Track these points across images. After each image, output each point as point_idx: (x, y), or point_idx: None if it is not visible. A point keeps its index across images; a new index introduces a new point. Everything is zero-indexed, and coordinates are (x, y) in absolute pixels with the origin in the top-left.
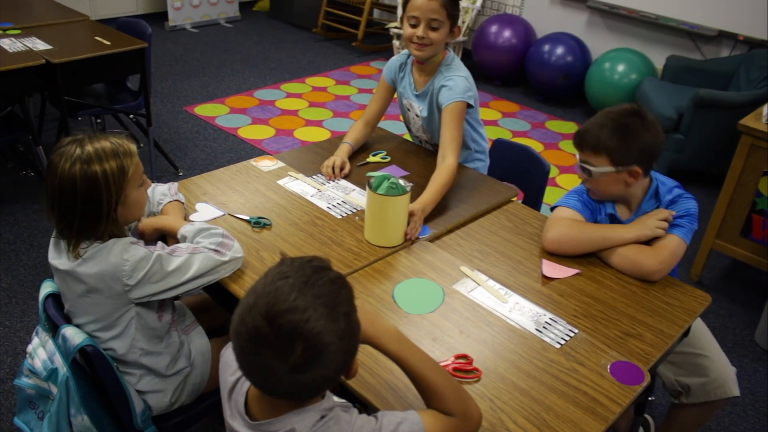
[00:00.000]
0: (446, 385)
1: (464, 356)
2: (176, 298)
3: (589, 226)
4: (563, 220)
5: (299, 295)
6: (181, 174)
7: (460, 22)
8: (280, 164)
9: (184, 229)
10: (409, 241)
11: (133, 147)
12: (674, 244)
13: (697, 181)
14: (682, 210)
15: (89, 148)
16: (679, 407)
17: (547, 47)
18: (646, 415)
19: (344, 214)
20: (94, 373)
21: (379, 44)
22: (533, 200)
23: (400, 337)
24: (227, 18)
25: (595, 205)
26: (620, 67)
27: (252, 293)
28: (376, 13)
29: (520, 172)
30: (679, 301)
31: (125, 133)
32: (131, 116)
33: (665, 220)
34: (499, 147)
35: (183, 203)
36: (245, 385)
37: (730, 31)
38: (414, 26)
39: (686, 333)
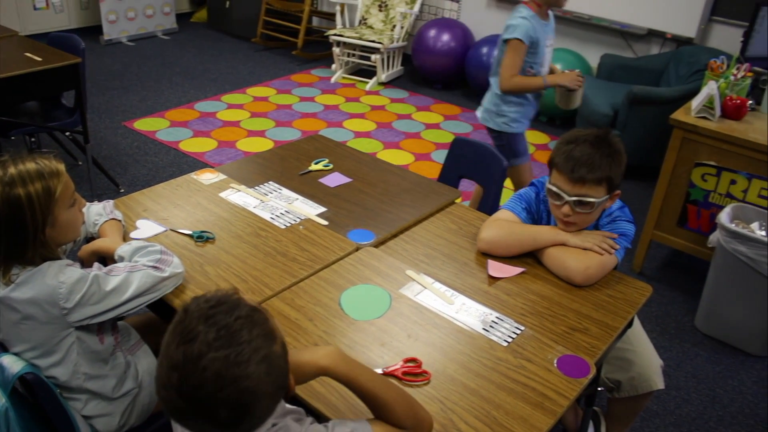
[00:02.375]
0: (397, 398)
1: (413, 360)
2: (119, 318)
3: (520, 227)
4: (497, 221)
5: (209, 363)
6: (122, 191)
7: (398, 28)
8: (222, 176)
9: (121, 249)
10: (355, 249)
11: (61, 166)
12: (605, 258)
13: (635, 175)
14: (619, 230)
15: (12, 170)
16: (614, 401)
17: (485, 50)
18: (596, 408)
19: (288, 224)
20: (37, 401)
21: (319, 52)
22: (493, 196)
23: (345, 358)
24: (164, 30)
25: (541, 214)
26: (557, 67)
27: (161, 363)
28: (315, 21)
29: (480, 170)
30: (622, 294)
31: (53, 153)
32: (67, 134)
33: (609, 245)
34: (459, 145)
35: (121, 221)
36: None
37: (659, 30)
38: None
39: (630, 324)
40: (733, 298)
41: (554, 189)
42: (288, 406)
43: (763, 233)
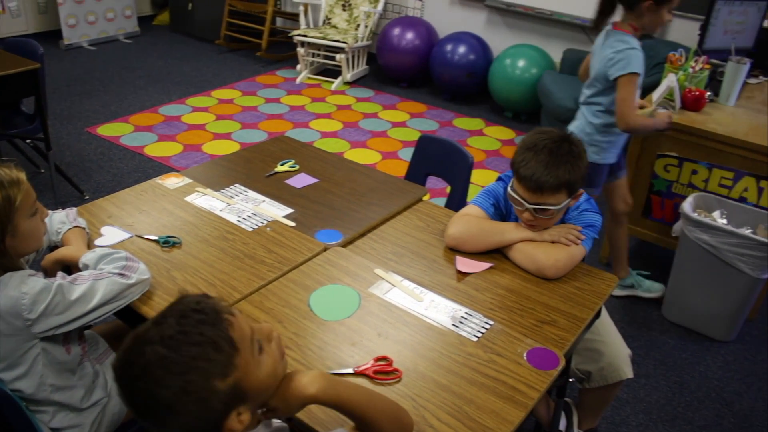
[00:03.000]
0: (384, 411)
1: (384, 358)
2: (86, 327)
3: (488, 223)
4: (465, 217)
5: (150, 352)
6: (86, 197)
7: (363, 27)
8: (187, 180)
9: (86, 257)
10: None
11: (22, 175)
12: (573, 249)
13: None
14: (586, 222)
15: None
16: (585, 391)
17: (449, 47)
18: (567, 399)
19: (255, 227)
20: (2, 416)
21: (283, 53)
22: (460, 192)
23: (331, 381)
24: (126, 34)
25: (509, 209)
26: (521, 63)
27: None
28: (279, 21)
29: (447, 167)
30: (589, 285)
31: (14, 161)
32: (28, 141)
33: (575, 236)
34: (425, 142)
35: (85, 228)
36: None
37: None
38: None
39: (598, 314)
40: (698, 285)
41: (515, 196)
42: (276, 422)
43: (725, 221)
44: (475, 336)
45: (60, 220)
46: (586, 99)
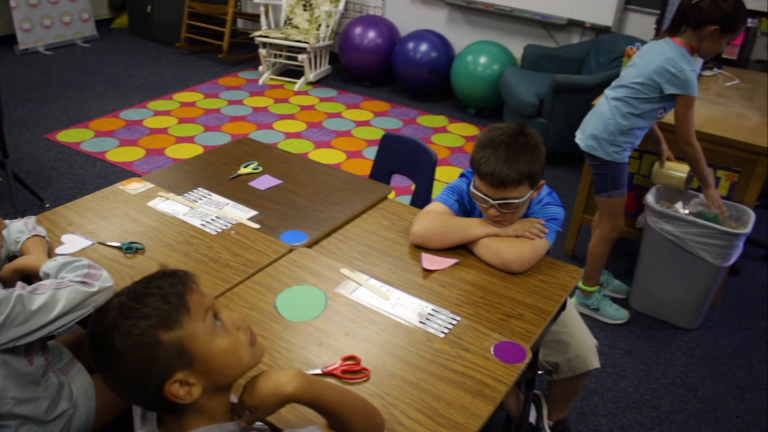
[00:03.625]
0: (359, 410)
1: (352, 357)
2: (50, 337)
3: (452, 220)
4: (429, 214)
5: (114, 302)
6: (47, 205)
7: (324, 27)
8: (149, 185)
9: (47, 266)
10: (290, 251)
11: None
12: (537, 242)
13: (563, 162)
14: (549, 215)
15: None
16: (553, 383)
17: (411, 45)
18: (536, 391)
19: (219, 230)
20: None
21: (245, 54)
22: (425, 190)
23: (309, 380)
24: (84, 38)
25: (473, 205)
26: (482, 59)
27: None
28: (240, 22)
29: (411, 165)
30: (554, 278)
31: None
32: None
33: (539, 230)
34: (388, 141)
35: (44, 237)
36: None
37: (578, 20)
38: None
39: (563, 307)
40: (663, 275)
41: (479, 194)
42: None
43: (687, 212)
44: (442, 332)
45: (18, 230)
46: (620, 97)
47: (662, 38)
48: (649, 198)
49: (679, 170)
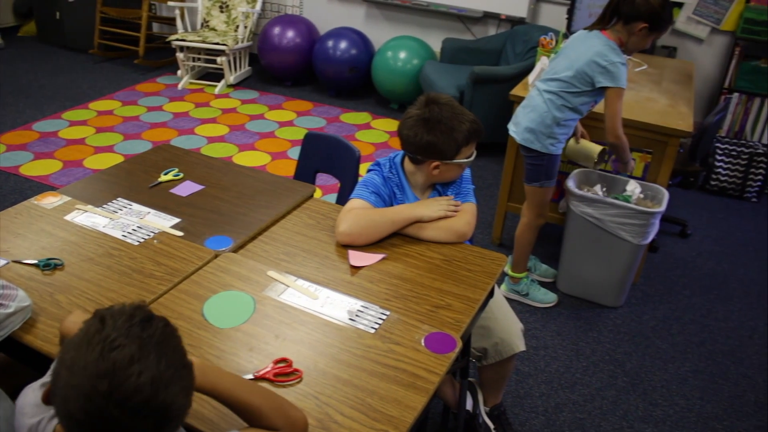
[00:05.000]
0: (263, 402)
1: (283, 360)
2: None
3: (376, 213)
4: (351, 211)
5: (143, 369)
6: None
7: (242, 28)
8: (66, 198)
9: None
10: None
11: None
12: (472, 208)
13: (487, 152)
14: (463, 181)
15: None
16: (483, 368)
17: (330, 43)
18: (471, 379)
19: (141, 240)
20: None
21: (163, 59)
22: (350, 187)
23: (205, 368)
24: None
25: (392, 192)
26: (402, 54)
27: (81, 372)
28: (156, 26)
29: (334, 163)
30: (480, 266)
31: None
32: None
33: (454, 205)
34: (311, 140)
35: None
36: (51, 424)
37: (493, 12)
38: None
39: (491, 294)
40: (587, 257)
41: (464, 160)
42: None
43: (605, 194)
44: (372, 328)
45: None
46: (554, 91)
47: (592, 30)
48: (570, 183)
49: (591, 150)
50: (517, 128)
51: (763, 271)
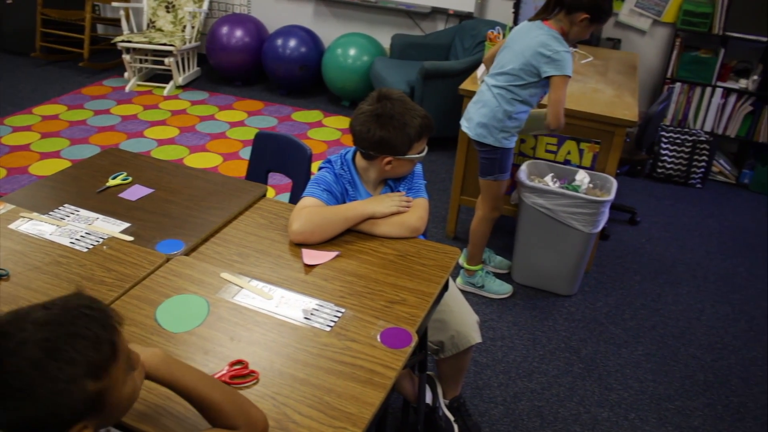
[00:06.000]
0: (224, 399)
1: (239, 362)
2: None
3: (328, 210)
4: (304, 209)
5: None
6: None
7: (189, 28)
8: (9, 206)
9: None
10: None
11: None
12: (424, 203)
13: (438, 147)
14: (415, 175)
15: None
16: (441, 362)
17: (280, 41)
18: (430, 372)
19: (90, 246)
20: None
21: (109, 61)
22: (302, 186)
23: (167, 360)
24: None
25: (344, 189)
26: (352, 51)
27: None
28: (100, 28)
29: (286, 162)
30: (433, 260)
31: None
32: None
33: (406, 201)
34: (262, 140)
35: None
36: None
37: (441, 7)
38: None
39: (446, 287)
40: (540, 247)
41: (416, 155)
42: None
43: (556, 185)
44: (328, 326)
45: None
46: (503, 85)
47: (534, 21)
48: (521, 174)
49: (541, 113)
50: (470, 123)
51: (707, 254)
